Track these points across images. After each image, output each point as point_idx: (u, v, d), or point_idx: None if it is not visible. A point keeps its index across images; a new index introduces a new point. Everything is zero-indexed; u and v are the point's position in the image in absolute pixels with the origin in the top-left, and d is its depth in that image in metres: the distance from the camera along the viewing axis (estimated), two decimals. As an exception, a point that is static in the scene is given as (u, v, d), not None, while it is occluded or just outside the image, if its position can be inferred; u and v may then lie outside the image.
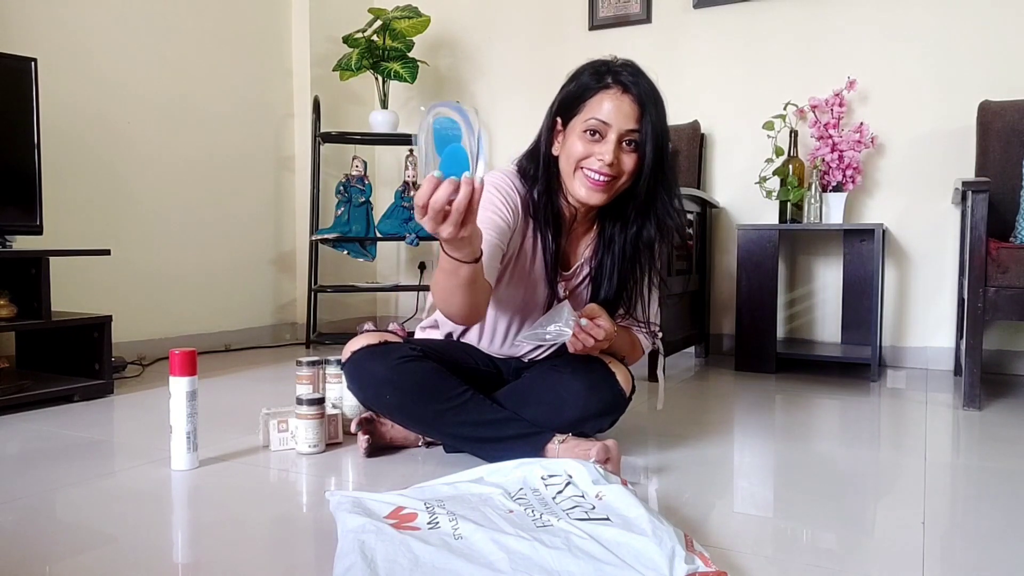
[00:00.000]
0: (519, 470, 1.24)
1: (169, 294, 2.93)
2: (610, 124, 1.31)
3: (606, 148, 1.31)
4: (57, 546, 1.11)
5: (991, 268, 2.03)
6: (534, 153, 1.44)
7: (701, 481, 1.43)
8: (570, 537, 0.98)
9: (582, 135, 1.33)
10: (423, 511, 1.07)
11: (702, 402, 2.22)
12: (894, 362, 2.81)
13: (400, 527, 1.02)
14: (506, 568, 0.92)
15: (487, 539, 0.97)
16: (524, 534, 0.99)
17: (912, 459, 1.59)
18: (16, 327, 2.06)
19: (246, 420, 1.81)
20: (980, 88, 2.61)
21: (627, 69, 1.35)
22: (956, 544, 1.14)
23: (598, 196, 1.34)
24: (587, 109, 1.33)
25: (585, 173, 1.33)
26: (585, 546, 0.96)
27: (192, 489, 1.38)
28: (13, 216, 2.14)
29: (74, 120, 2.59)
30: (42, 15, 2.50)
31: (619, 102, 1.31)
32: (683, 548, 0.97)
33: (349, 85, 3.52)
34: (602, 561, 0.93)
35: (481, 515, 1.06)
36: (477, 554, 0.95)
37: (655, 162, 1.32)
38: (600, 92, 1.33)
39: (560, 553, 0.94)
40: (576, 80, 1.37)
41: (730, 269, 3.00)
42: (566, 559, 0.93)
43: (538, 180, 1.40)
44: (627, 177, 1.34)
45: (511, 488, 1.17)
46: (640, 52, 3.17)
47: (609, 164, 1.31)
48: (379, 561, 0.93)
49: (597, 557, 0.94)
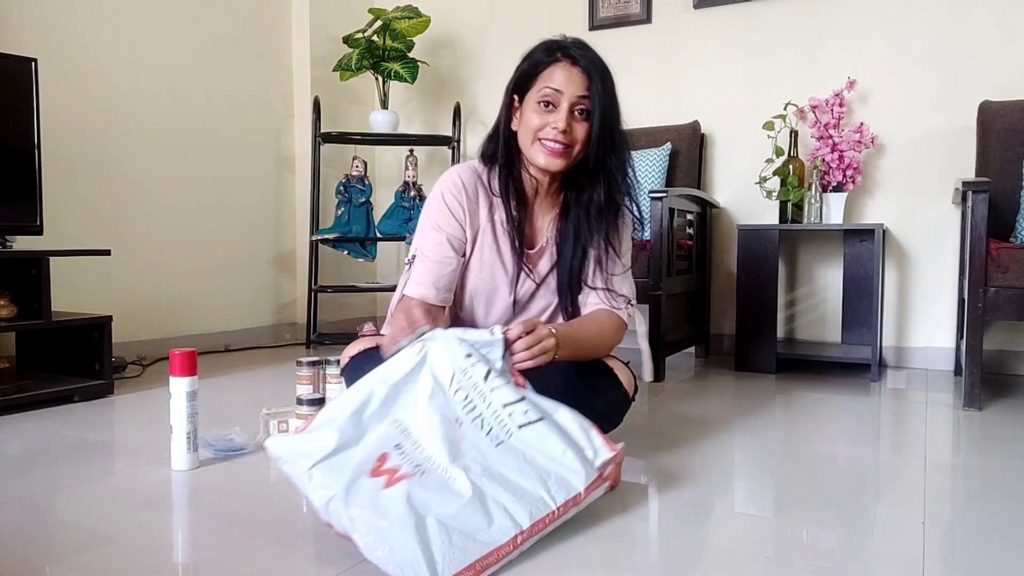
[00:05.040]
0: (441, 353, 1.23)
1: (169, 294, 2.93)
2: (561, 92, 1.37)
3: (559, 116, 1.37)
4: (57, 546, 1.11)
5: (991, 268, 2.03)
6: (495, 133, 1.50)
7: (701, 481, 1.42)
8: (526, 457, 1.13)
9: (536, 107, 1.39)
10: (402, 461, 1.09)
11: (702, 402, 2.22)
12: (894, 362, 2.80)
13: (391, 484, 1.04)
14: (503, 502, 1.06)
15: (464, 477, 1.07)
16: (490, 463, 1.11)
17: (912, 459, 1.59)
18: (16, 327, 2.06)
19: (246, 420, 1.81)
20: (980, 88, 2.61)
21: (576, 44, 1.42)
22: (956, 544, 1.14)
23: (557, 162, 1.40)
24: (540, 81, 1.40)
25: (542, 142, 1.40)
26: (539, 462, 1.13)
27: (192, 489, 1.38)
28: (13, 216, 2.14)
29: (74, 120, 2.59)
30: (42, 16, 2.50)
31: (569, 72, 1.38)
32: (596, 435, 1.19)
33: (349, 85, 3.52)
34: (557, 473, 1.12)
35: (446, 438, 1.12)
36: (474, 487, 1.06)
37: (603, 129, 1.39)
38: (551, 65, 1.40)
39: (527, 476, 1.11)
40: (529, 58, 1.44)
41: (730, 269, 3.00)
42: (534, 482, 1.10)
43: (498, 157, 1.48)
44: (581, 145, 1.40)
45: (445, 378, 1.19)
46: (640, 52, 3.18)
47: (563, 131, 1.37)
48: (431, 533, 0.98)
49: (552, 470, 1.12)
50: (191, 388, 1.44)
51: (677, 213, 2.58)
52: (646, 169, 2.84)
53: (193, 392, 1.45)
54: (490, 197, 1.48)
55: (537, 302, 1.53)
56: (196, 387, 1.46)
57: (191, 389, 1.44)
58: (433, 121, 3.68)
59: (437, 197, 1.47)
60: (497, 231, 1.48)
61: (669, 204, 2.46)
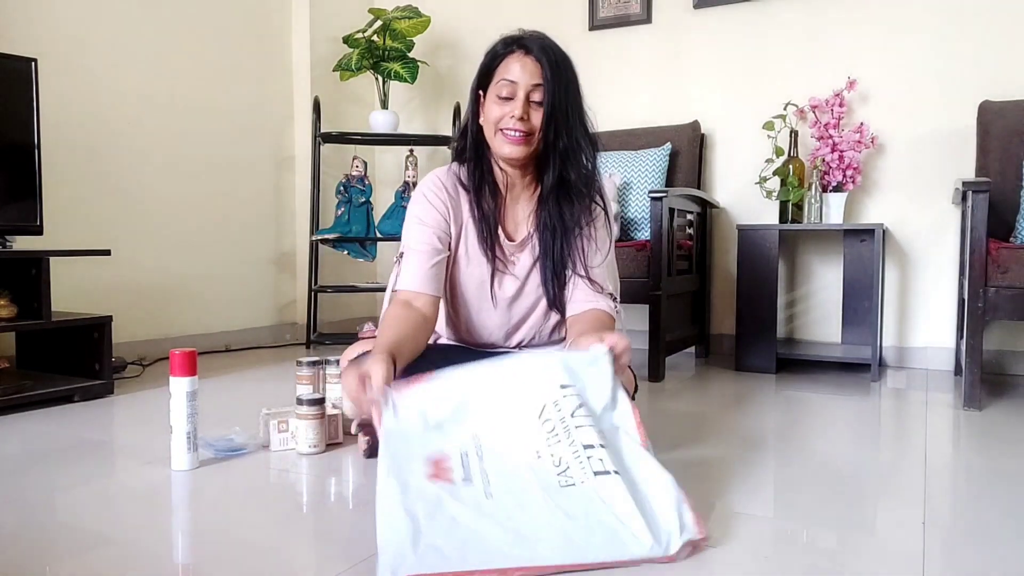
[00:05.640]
0: (541, 376, 1.23)
1: (169, 294, 2.93)
2: (517, 82, 1.41)
3: (516, 105, 1.40)
4: (57, 546, 1.11)
5: (991, 268, 2.03)
6: (464, 129, 1.54)
7: (701, 481, 1.42)
8: (589, 506, 1.07)
9: (496, 99, 1.43)
10: (459, 466, 1.12)
11: (702, 402, 2.22)
12: (894, 362, 2.80)
13: (436, 478, 1.08)
14: (530, 535, 1.03)
15: (516, 504, 1.07)
16: (549, 498, 1.08)
17: (912, 459, 1.59)
18: (16, 327, 2.06)
19: (246, 420, 1.81)
20: (980, 88, 2.61)
21: (531, 36, 1.46)
22: (956, 544, 1.14)
23: (518, 150, 1.43)
24: (497, 74, 1.44)
25: (503, 132, 1.42)
26: (600, 515, 1.06)
27: (192, 489, 1.38)
28: (13, 216, 2.14)
29: (74, 120, 2.59)
30: (42, 16, 2.50)
31: (523, 62, 1.42)
32: (688, 510, 1.08)
33: (349, 85, 3.52)
34: (614, 531, 1.04)
35: (510, 466, 1.13)
36: (505, 517, 1.05)
37: (554, 110, 1.41)
38: (507, 57, 1.45)
39: (577, 524, 1.05)
40: (489, 54, 1.48)
41: (730, 269, 3.00)
42: (582, 531, 1.04)
43: (467, 152, 1.51)
44: (540, 132, 1.42)
45: (535, 408, 1.19)
46: (640, 52, 3.18)
47: (520, 119, 1.40)
48: (421, 518, 1.01)
49: (610, 527, 1.05)
50: (191, 388, 1.44)
51: (677, 213, 2.58)
52: (646, 169, 2.84)
53: (193, 392, 1.45)
54: (469, 193, 1.51)
55: (523, 300, 1.54)
56: (196, 387, 1.46)
57: (191, 389, 1.44)
58: (433, 121, 3.68)
59: (419, 197, 1.51)
60: (480, 224, 1.51)
61: (669, 204, 2.45)
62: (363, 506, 1.30)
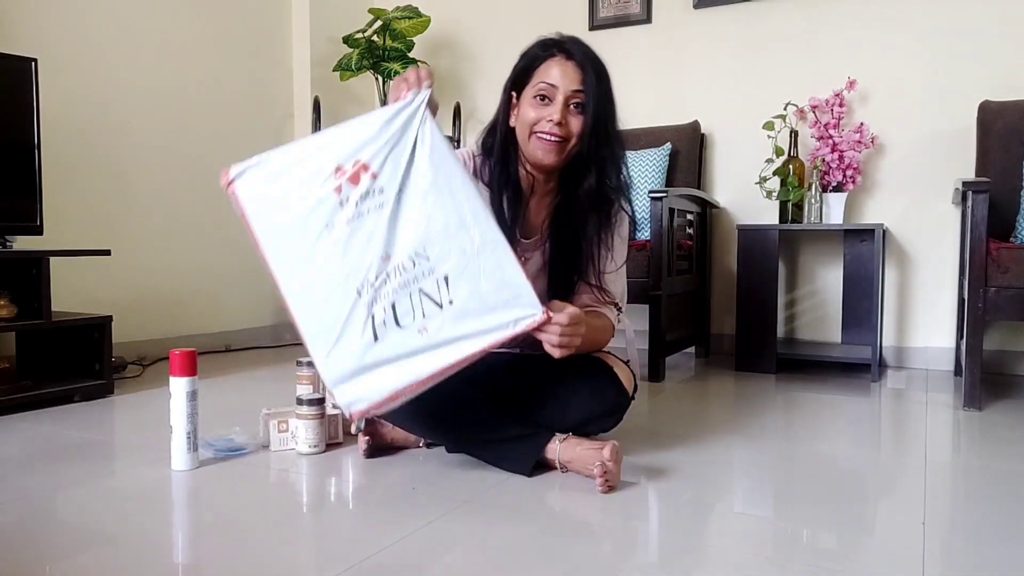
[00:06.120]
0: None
1: (169, 294, 2.93)
2: (556, 86, 1.39)
3: (554, 109, 1.39)
4: (57, 546, 1.11)
5: (991, 268, 2.03)
6: (493, 128, 1.52)
7: (701, 481, 1.43)
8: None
9: (533, 101, 1.41)
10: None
11: (702, 402, 2.22)
12: (894, 362, 2.80)
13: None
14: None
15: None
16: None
17: (912, 459, 1.59)
18: (16, 327, 2.06)
19: (246, 420, 1.81)
20: (980, 88, 2.61)
21: (571, 41, 1.44)
22: (956, 544, 1.14)
23: (552, 157, 1.42)
24: (536, 77, 1.43)
25: (538, 136, 1.41)
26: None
27: (192, 489, 1.38)
28: (13, 216, 2.14)
29: (74, 120, 2.59)
30: (42, 16, 2.50)
31: (564, 67, 1.40)
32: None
33: (349, 85, 3.52)
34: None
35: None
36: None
37: (597, 121, 1.40)
38: (547, 60, 1.42)
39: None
40: (526, 55, 1.46)
41: (730, 269, 3.00)
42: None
43: (494, 150, 1.50)
44: (576, 139, 1.41)
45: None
46: (640, 52, 3.18)
47: (558, 124, 1.39)
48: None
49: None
50: (191, 388, 1.44)
51: (677, 213, 2.58)
52: (646, 169, 2.84)
53: (193, 392, 1.45)
54: (486, 187, 1.50)
55: None
56: (196, 387, 1.46)
57: (191, 389, 1.44)
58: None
59: None
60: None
61: (669, 204, 2.46)
62: (363, 506, 1.31)
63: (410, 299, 1.21)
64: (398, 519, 1.21)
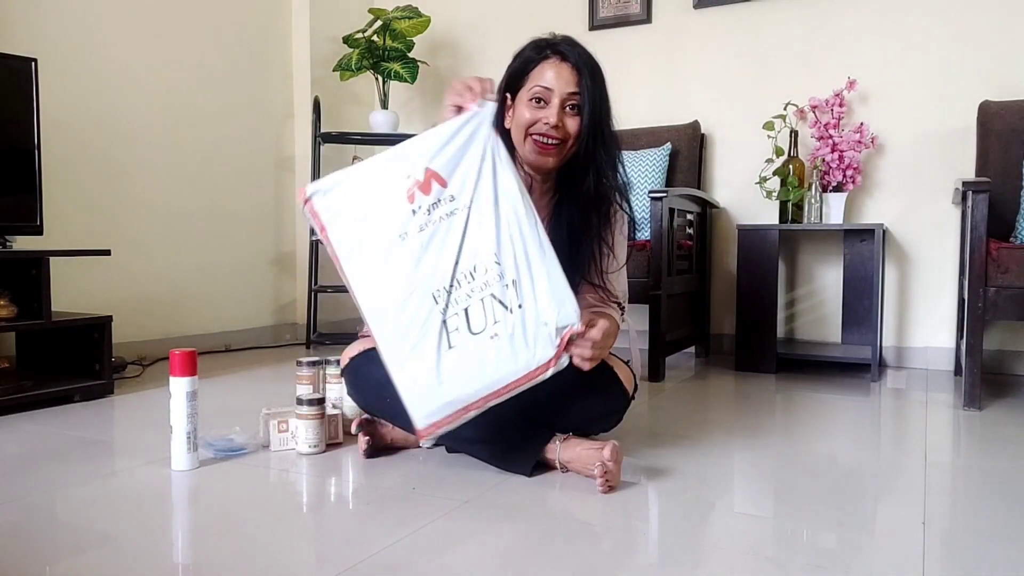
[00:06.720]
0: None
1: (169, 294, 2.93)
2: (552, 89, 1.39)
3: (550, 112, 1.39)
4: (57, 546, 1.11)
5: (991, 268, 2.03)
6: None
7: (701, 481, 1.43)
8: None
9: (528, 103, 1.41)
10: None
11: (702, 402, 2.22)
12: (894, 362, 2.80)
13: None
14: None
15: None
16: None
17: (912, 459, 1.59)
18: (16, 327, 2.06)
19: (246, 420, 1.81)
20: (980, 88, 2.61)
21: (565, 42, 1.44)
22: (956, 544, 1.14)
23: (548, 159, 1.42)
24: (531, 79, 1.42)
25: (534, 138, 1.41)
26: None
27: (192, 489, 1.38)
28: (13, 216, 2.14)
29: (74, 120, 2.59)
30: (42, 16, 2.50)
31: (559, 68, 1.40)
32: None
33: (349, 85, 3.52)
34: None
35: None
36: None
37: (593, 123, 1.40)
38: (541, 62, 1.42)
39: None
40: (520, 57, 1.46)
41: (730, 269, 3.00)
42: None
43: None
44: (573, 140, 1.41)
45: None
46: (640, 52, 3.18)
47: (554, 126, 1.39)
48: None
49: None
50: (191, 388, 1.44)
51: (677, 213, 2.58)
52: (646, 169, 2.84)
53: (193, 392, 1.45)
54: None
55: None
56: (196, 387, 1.46)
57: (191, 389, 1.44)
58: (433, 121, 3.68)
59: None
60: None
61: (669, 204, 2.46)
62: (363, 506, 1.31)
63: (482, 304, 1.22)
64: (398, 519, 1.21)
